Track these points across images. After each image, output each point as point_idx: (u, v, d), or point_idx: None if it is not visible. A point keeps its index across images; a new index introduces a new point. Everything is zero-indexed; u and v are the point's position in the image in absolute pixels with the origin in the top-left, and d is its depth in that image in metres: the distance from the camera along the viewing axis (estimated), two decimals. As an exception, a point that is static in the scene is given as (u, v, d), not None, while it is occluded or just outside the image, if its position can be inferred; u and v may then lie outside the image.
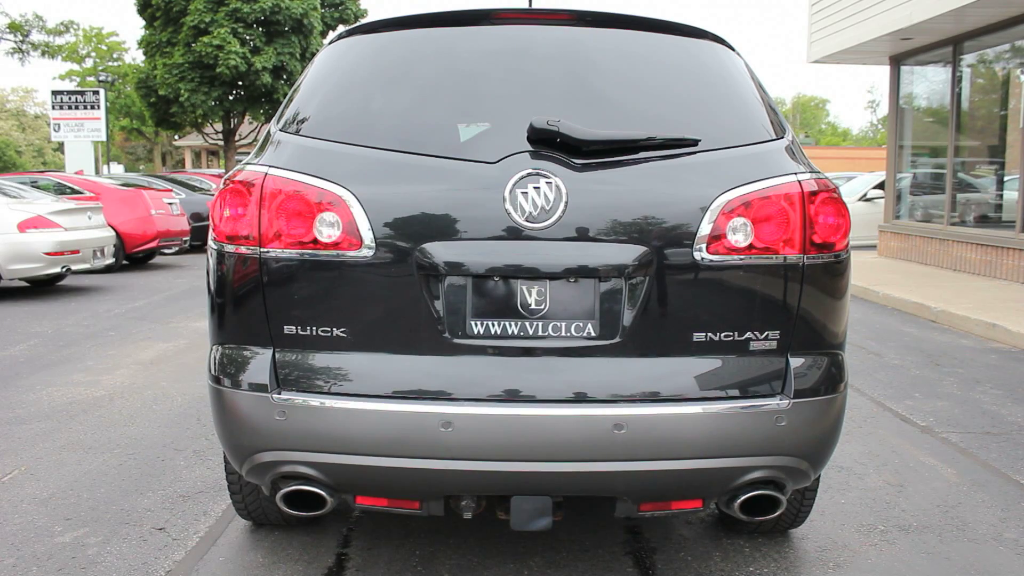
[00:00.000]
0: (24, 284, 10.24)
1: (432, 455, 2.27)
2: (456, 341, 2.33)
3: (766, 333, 2.40)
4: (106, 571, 2.87)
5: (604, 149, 2.39)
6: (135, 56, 42.55)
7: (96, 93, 27.70)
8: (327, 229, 2.35)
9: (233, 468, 2.79)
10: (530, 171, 2.34)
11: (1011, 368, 6.16)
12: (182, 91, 27.89)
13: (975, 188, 12.09)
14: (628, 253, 2.34)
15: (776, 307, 2.41)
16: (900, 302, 8.98)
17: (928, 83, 13.29)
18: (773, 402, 2.36)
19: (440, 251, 2.32)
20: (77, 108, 26.99)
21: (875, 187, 15.63)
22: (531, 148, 2.38)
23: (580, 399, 2.33)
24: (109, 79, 41.92)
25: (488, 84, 2.57)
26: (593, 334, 2.35)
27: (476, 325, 2.34)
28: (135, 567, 2.90)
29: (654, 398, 2.33)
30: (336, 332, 2.35)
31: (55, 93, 27.61)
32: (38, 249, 9.27)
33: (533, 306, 2.35)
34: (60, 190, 12.77)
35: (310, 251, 2.35)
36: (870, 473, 3.88)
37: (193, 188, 16.92)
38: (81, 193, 12.61)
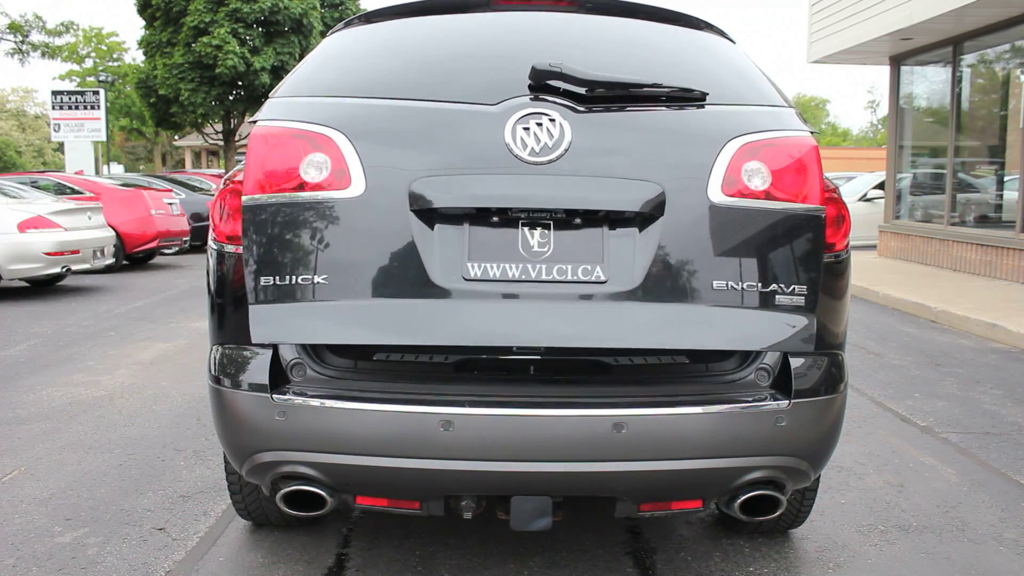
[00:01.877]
0: (24, 284, 10.24)
1: (432, 455, 2.26)
2: (451, 286, 2.23)
3: (792, 287, 2.29)
4: (106, 571, 2.87)
5: (608, 96, 2.34)
6: (135, 56, 42.57)
7: (96, 93, 27.71)
8: (314, 170, 2.27)
9: (233, 468, 2.79)
10: (532, 111, 2.28)
11: (1011, 368, 6.16)
12: (182, 91, 27.90)
13: (975, 188, 12.09)
14: (638, 191, 2.26)
15: (800, 260, 2.31)
16: (900, 302, 8.98)
17: (928, 83, 13.29)
18: (773, 402, 2.36)
19: (435, 186, 2.23)
20: (77, 108, 27.00)
21: (875, 187, 15.63)
22: (532, 94, 2.32)
23: (589, 352, 2.26)
24: (109, 79, 41.93)
25: (487, 52, 2.58)
26: (602, 278, 2.25)
27: (473, 268, 2.25)
28: (135, 567, 2.90)
29: (670, 350, 2.19)
30: (326, 279, 2.25)
31: (55, 93, 27.62)
32: (38, 249, 9.27)
33: (536, 248, 2.26)
34: (60, 190, 12.77)
35: (297, 194, 2.27)
36: (870, 473, 3.88)
37: (193, 188, 16.93)
38: (81, 193, 12.61)
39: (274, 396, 2.32)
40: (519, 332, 2.22)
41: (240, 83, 28.53)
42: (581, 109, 2.31)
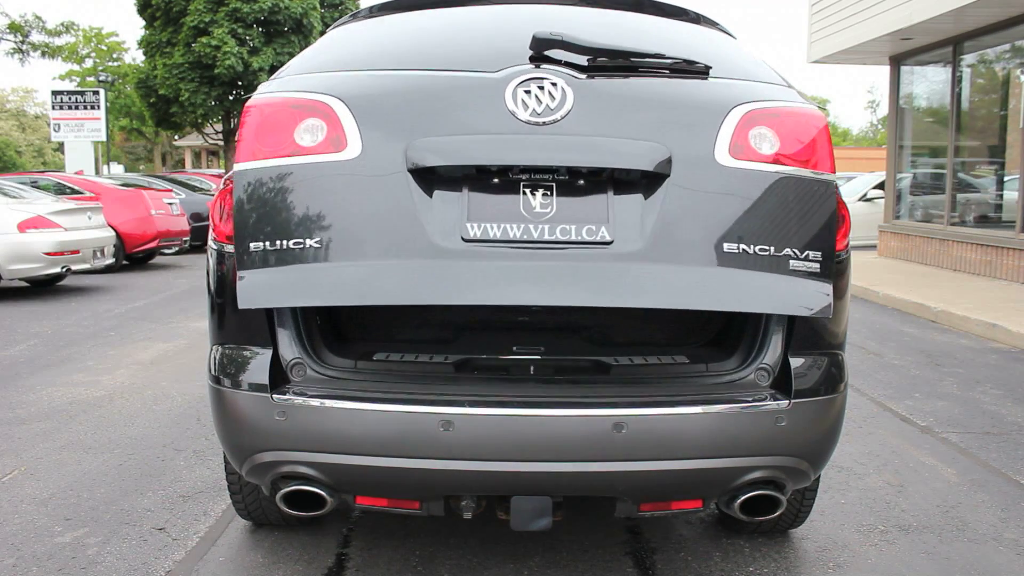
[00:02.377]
0: (24, 284, 10.23)
1: (432, 455, 2.26)
2: (449, 246, 2.17)
3: (807, 253, 2.22)
4: (106, 571, 2.87)
5: (611, 65, 2.31)
6: (135, 56, 42.56)
7: (96, 93, 27.71)
8: (309, 135, 2.24)
9: (233, 468, 2.79)
10: (534, 75, 2.26)
11: (1011, 368, 6.16)
12: (182, 91, 27.90)
13: (975, 188, 12.09)
14: (644, 149, 2.21)
15: (813, 227, 2.25)
16: (900, 302, 8.98)
17: (928, 83, 13.29)
18: (773, 402, 2.36)
19: (433, 146, 2.19)
20: (77, 108, 27.00)
21: (875, 187, 15.63)
22: (534, 63, 2.30)
23: (592, 311, 2.21)
24: (109, 79, 41.92)
25: (489, 34, 2.58)
26: (607, 238, 2.18)
27: (473, 228, 2.19)
28: (135, 567, 2.90)
29: (679, 305, 2.13)
30: (318, 242, 2.17)
31: (55, 93, 27.62)
32: (38, 249, 9.27)
33: (538, 209, 2.21)
34: (60, 190, 12.76)
35: (290, 159, 2.22)
36: (870, 473, 3.88)
37: (193, 188, 16.92)
38: (81, 193, 12.61)
39: (274, 396, 2.32)
40: (520, 290, 2.14)
41: (240, 83, 28.51)
42: (583, 77, 2.28)
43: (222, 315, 2.48)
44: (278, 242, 2.19)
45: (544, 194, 2.21)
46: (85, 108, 27.04)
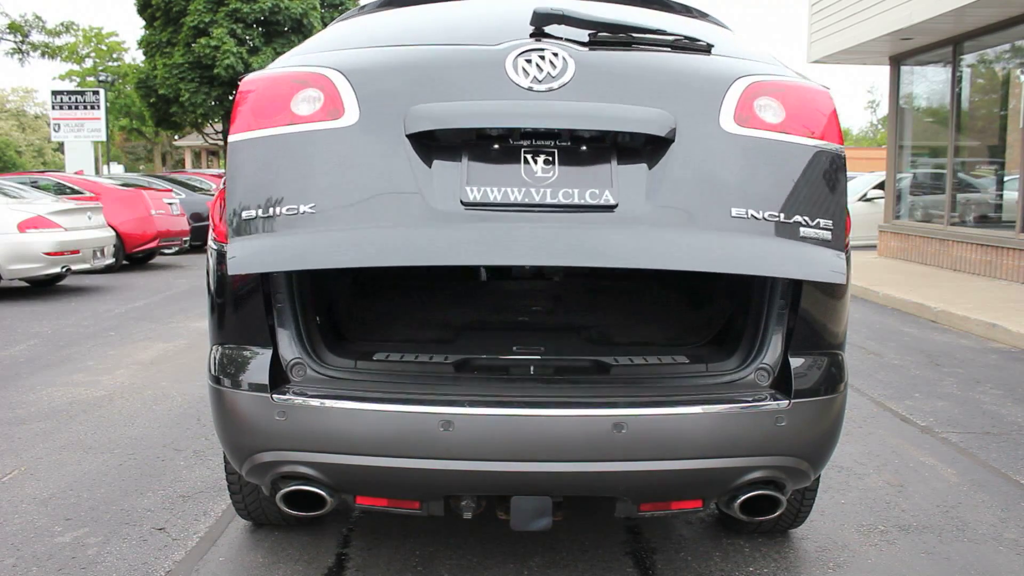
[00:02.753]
0: (24, 284, 10.23)
1: (432, 455, 2.26)
2: (448, 209, 2.12)
3: (817, 220, 2.16)
4: (106, 571, 2.87)
5: (612, 40, 2.29)
6: (135, 56, 42.54)
7: (96, 93, 27.70)
8: (306, 104, 2.21)
9: (233, 468, 2.79)
10: (535, 47, 2.24)
11: (1011, 368, 6.16)
12: (182, 91, 27.90)
13: (975, 188, 12.08)
14: (648, 115, 2.18)
15: (823, 196, 2.20)
16: (900, 302, 8.98)
17: (928, 83, 13.29)
18: (773, 402, 2.36)
19: (432, 111, 2.16)
20: (77, 108, 27.00)
21: (875, 187, 15.63)
22: (535, 38, 2.28)
23: (595, 272, 2.19)
24: (109, 79, 41.90)
25: (490, 17, 2.59)
26: (611, 201, 2.13)
27: (472, 192, 2.15)
28: (135, 567, 2.90)
29: (687, 266, 2.07)
30: (313, 207, 2.12)
31: (55, 93, 27.61)
32: (38, 249, 9.27)
33: (539, 174, 2.17)
34: (60, 190, 12.76)
35: (286, 127, 2.19)
36: (870, 473, 3.88)
37: (193, 188, 16.92)
38: (81, 193, 12.61)
39: (274, 396, 2.32)
40: (521, 251, 2.08)
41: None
42: (585, 49, 2.27)
43: (222, 315, 2.48)
44: (272, 209, 2.14)
45: (546, 160, 2.17)
46: (85, 108, 27.04)
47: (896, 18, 11.18)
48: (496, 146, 2.20)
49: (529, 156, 2.18)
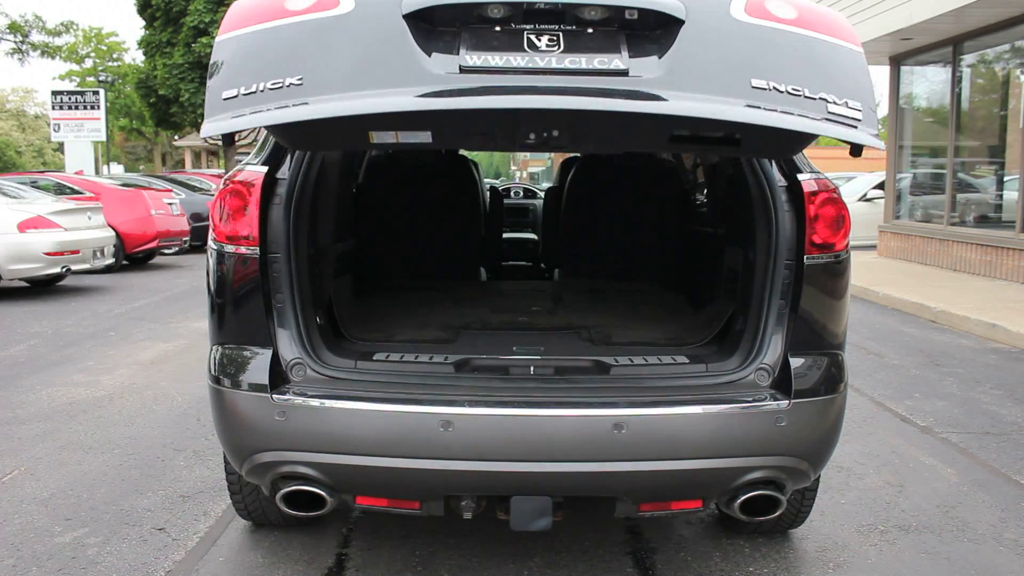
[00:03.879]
0: (24, 284, 10.23)
1: (432, 455, 2.26)
2: (446, 72, 2.02)
3: (844, 100, 2.05)
4: (106, 571, 2.87)
5: None
6: (135, 56, 42.50)
7: (96, 93, 27.70)
8: (300, 0, 2.12)
9: (233, 468, 2.79)
10: None
11: (1011, 368, 6.16)
12: (182, 91, 27.90)
13: (975, 188, 12.09)
14: None
15: (846, 80, 2.10)
16: (900, 302, 8.98)
17: (928, 83, 13.29)
18: (773, 402, 2.36)
19: None
20: (77, 108, 26.99)
21: (875, 187, 15.62)
22: None
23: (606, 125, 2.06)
24: (109, 79, 41.91)
25: None
26: (621, 67, 2.03)
27: (472, 57, 2.06)
28: (135, 567, 2.89)
29: (705, 113, 1.94)
30: (299, 79, 2.00)
31: (55, 93, 27.61)
32: (38, 249, 9.27)
33: (543, 47, 2.07)
34: (60, 190, 12.76)
35: (278, 21, 2.10)
36: (870, 473, 3.88)
37: (193, 188, 16.91)
38: (81, 193, 12.60)
39: (274, 396, 2.32)
40: (523, 98, 1.97)
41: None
42: None
43: (222, 315, 2.48)
44: (255, 85, 2.01)
45: (550, 37, 2.09)
46: (85, 108, 27.03)
47: (896, 18, 11.18)
48: (497, 28, 2.10)
49: (532, 37, 2.09)
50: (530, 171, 51.01)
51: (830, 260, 2.46)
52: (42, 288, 10.39)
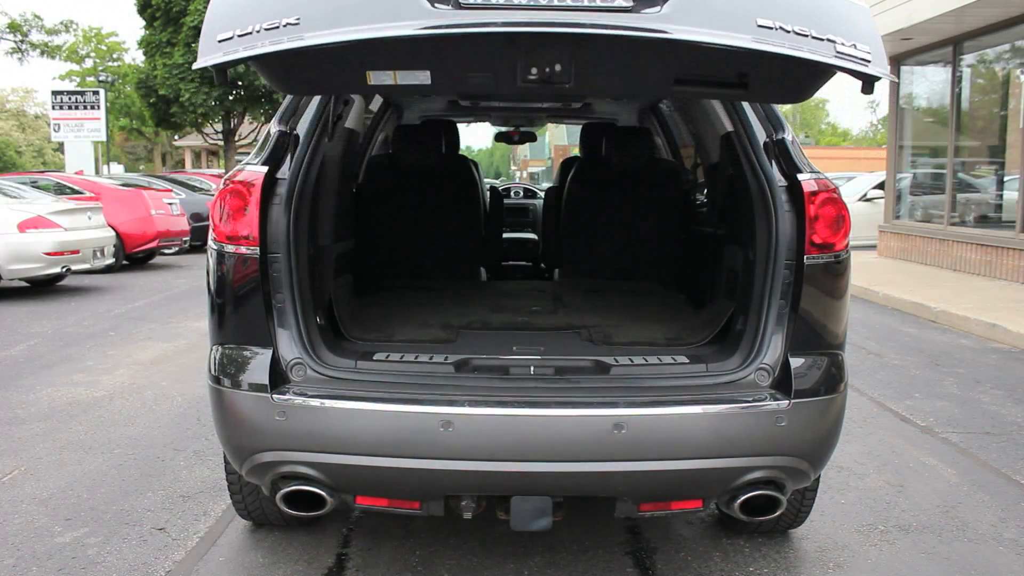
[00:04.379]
0: (24, 284, 10.23)
1: (432, 455, 2.26)
2: (445, 8, 1.99)
3: (853, 42, 2.03)
4: (106, 571, 2.87)
5: None
6: (135, 56, 42.48)
7: (96, 93, 27.71)
8: None
9: (233, 468, 2.79)
10: None
11: (1011, 368, 6.16)
12: (182, 91, 27.89)
13: (975, 188, 12.09)
14: None
15: (856, 24, 2.07)
16: (900, 302, 8.98)
17: (928, 83, 13.29)
18: (773, 402, 2.36)
19: None
20: (77, 108, 26.99)
21: (875, 187, 15.63)
22: None
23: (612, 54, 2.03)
24: (109, 79, 41.90)
25: None
26: (625, 4, 2.00)
27: None
28: (135, 567, 2.90)
29: (713, 38, 1.92)
30: (298, 20, 1.97)
31: (55, 93, 27.62)
32: (38, 249, 9.27)
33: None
34: (60, 190, 12.76)
35: None
36: (870, 473, 3.88)
37: (193, 188, 16.91)
38: (81, 193, 12.60)
39: (274, 396, 2.32)
40: (529, 14, 1.95)
41: (240, 83, 28.50)
42: None
43: (222, 315, 2.49)
44: (249, 27, 1.99)
45: None
46: (85, 108, 27.03)
47: (896, 18, 11.18)
48: None
49: None
50: (530, 171, 51.03)
51: (830, 260, 2.46)
52: (42, 288, 10.39)
